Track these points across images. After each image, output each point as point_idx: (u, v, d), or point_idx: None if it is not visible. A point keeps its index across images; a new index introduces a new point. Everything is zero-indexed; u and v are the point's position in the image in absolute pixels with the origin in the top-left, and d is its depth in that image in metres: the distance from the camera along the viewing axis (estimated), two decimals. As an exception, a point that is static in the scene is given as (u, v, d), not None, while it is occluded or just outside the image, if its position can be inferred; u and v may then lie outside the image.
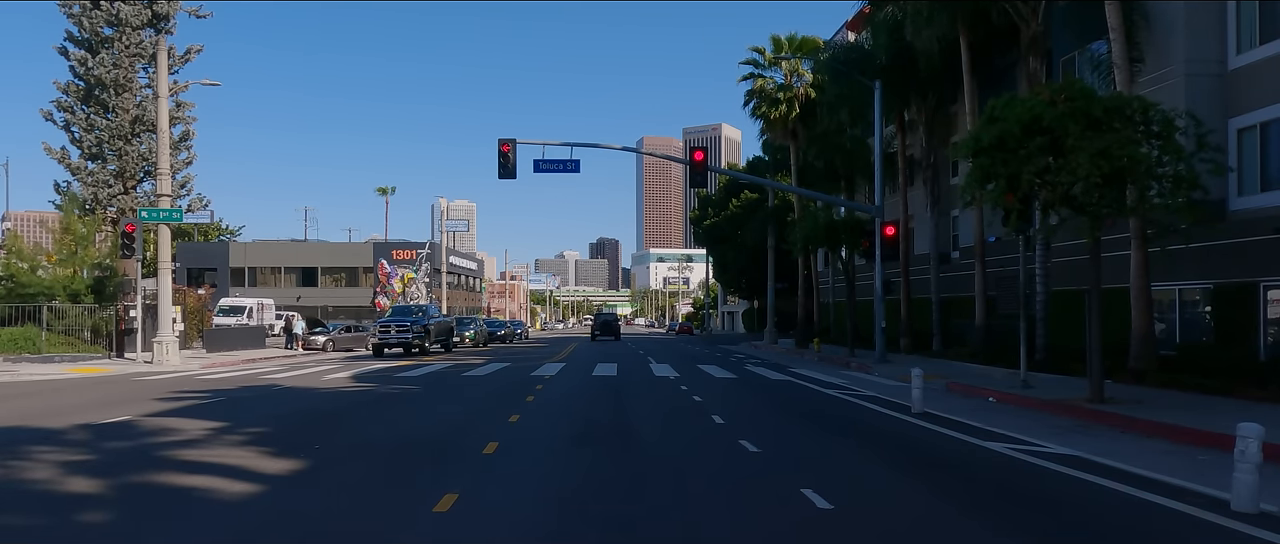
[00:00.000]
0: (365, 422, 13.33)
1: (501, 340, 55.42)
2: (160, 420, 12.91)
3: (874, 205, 29.08)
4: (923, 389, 14.81)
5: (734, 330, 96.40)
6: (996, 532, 6.67)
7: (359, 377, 22.46)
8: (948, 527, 6.88)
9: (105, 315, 30.47)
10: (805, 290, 46.89)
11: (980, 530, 6.74)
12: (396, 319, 35.52)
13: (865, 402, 16.46)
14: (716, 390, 18.66)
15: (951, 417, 13.95)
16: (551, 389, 18.79)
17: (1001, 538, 6.51)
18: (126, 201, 34.72)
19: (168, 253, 29.46)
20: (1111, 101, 14.62)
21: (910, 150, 36.13)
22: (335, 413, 14.49)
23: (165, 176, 28.93)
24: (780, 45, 41.80)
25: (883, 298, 28.35)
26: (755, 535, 6.49)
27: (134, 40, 35.07)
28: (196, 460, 9.42)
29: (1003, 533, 6.64)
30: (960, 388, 18.93)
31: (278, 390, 18.55)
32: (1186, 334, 20.39)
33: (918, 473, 9.14)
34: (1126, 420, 13.07)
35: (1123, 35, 19.21)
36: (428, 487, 8.00)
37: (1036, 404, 15.70)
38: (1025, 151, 14.42)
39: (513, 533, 6.58)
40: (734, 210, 67.45)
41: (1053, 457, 9.96)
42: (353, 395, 17.56)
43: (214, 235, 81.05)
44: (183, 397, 16.76)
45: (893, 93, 29.88)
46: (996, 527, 6.82)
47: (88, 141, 34.87)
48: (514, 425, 12.59)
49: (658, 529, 6.63)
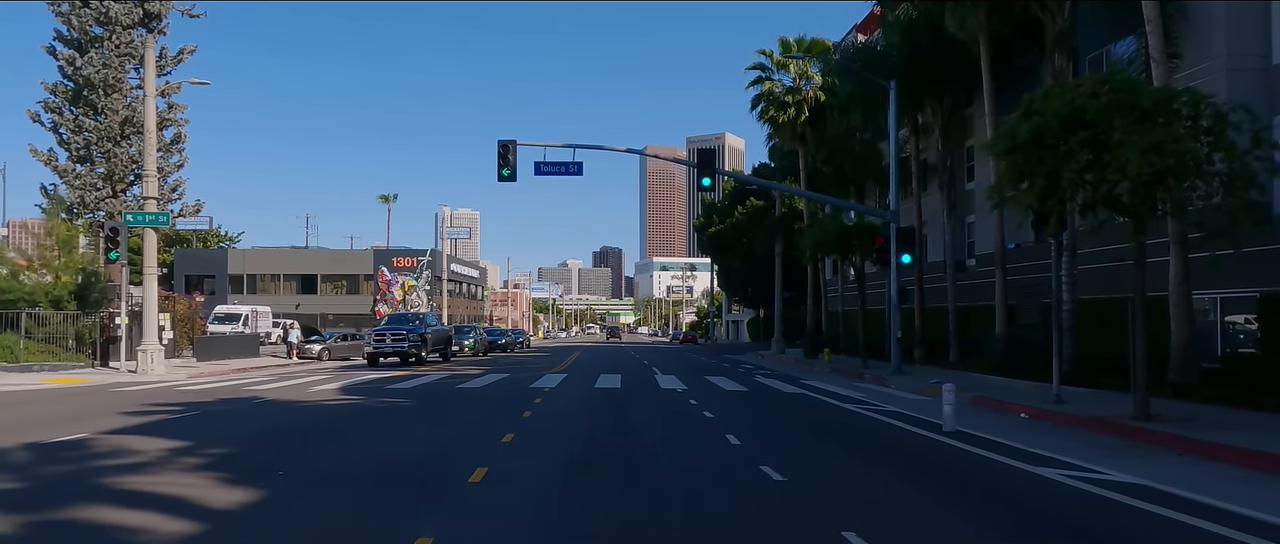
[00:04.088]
0: (344, 441, 12.13)
1: (502, 349, 54.21)
2: (117, 439, 11.72)
3: (889, 210, 27.86)
4: (955, 406, 13.58)
5: (739, 339, 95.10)
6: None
7: (348, 388, 21.26)
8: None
9: (89, 323, 29.30)
10: (814, 299, 45.62)
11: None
12: (392, 328, 34.26)
13: (889, 418, 15.24)
14: (728, 405, 17.43)
15: (987, 435, 12.75)
16: (551, 403, 17.59)
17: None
18: (115, 205, 33.61)
19: (154, 257, 28.29)
20: (1159, 94, 13.45)
21: (924, 154, 35.00)
22: (314, 430, 13.30)
23: (152, 178, 27.78)
24: (789, 46, 40.69)
25: (898, 306, 27.11)
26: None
27: (124, 39, 34.02)
28: (138, 490, 8.23)
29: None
30: (987, 402, 17.72)
31: (258, 403, 17.35)
32: (1229, 345, 19.15)
33: (972, 508, 7.93)
34: (1182, 441, 11.87)
35: (1160, 28, 18.06)
36: (399, 525, 6.79)
37: (1075, 421, 14.51)
38: (1065, 148, 13.24)
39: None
40: (739, 218, 66.22)
41: (1117, 486, 8.75)
42: (337, 410, 16.35)
43: (213, 242, 79.99)
44: (154, 410, 15.57)
45: (907, 94, 28.72)
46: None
47: (76, 143, 33.81)
48: (507, 447, 11.38)
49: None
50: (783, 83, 42.29)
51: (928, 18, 28.39)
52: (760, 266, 59.79)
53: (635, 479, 9.09)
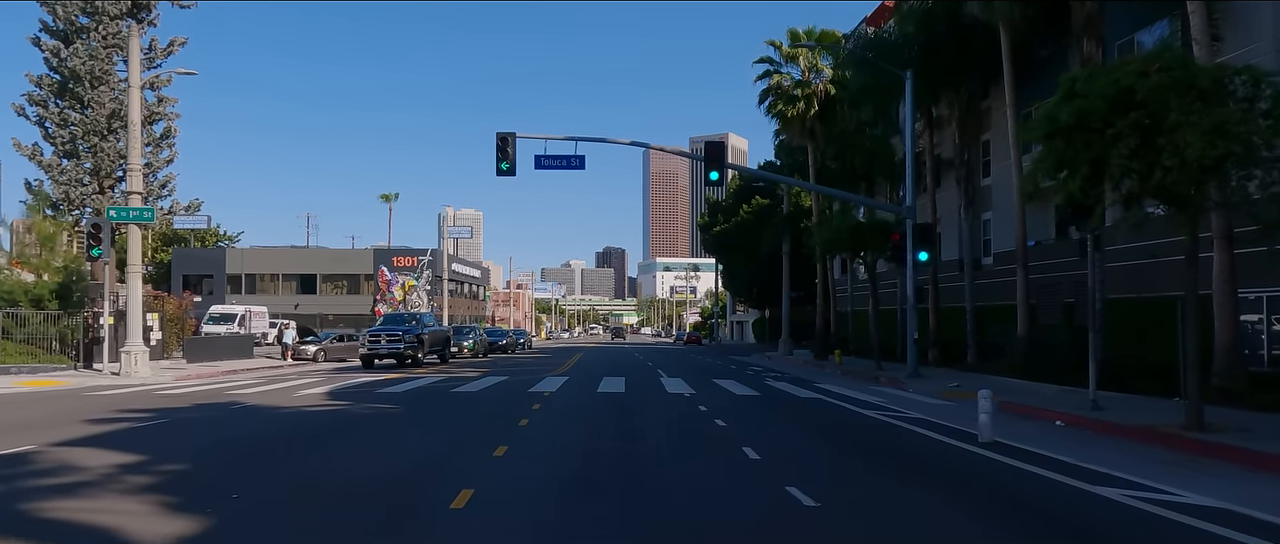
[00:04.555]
0: (317, 454, 10.96)
1: (503, 350, 53.01)
2: (65, 453, 10.54)
3: (904, 205, 26.64)
4: (992, 414, 12.38)
5: (744, 340, 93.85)
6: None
7: (335, 393, 20.08)
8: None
9: (72, 323, 28.19)
10: (823, 299, 44.40)
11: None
12: (387, 328, 33.07)
13: (915, 426, 14.04)
14: (741, 412, 16.23)
15: (1028, 447, 11.58)
16: (550, 410, 16.40)
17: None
18: (101, 201, 32.52)
19: (138, 255, 27.16)
20: (1216, 71, 12.25)
21: (937, 149, 33.83)
22: (287, 441, 12.13)
23: (136, 172, 26.66)
24: (798, 38, 39.48)
25: (915, 306, 25.88)
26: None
27: (112, 30, 32.95)
28: (63, 518, 7.07)
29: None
30: (1015, 408, 16.53)
31: (236, 409, 16.19)
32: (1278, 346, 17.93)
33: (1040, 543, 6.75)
34: (1247, 455, 10.70)
35: (1203, 7, 16.86)
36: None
37: (1118, 430, 13.32)
38: (1113, 131, 12.05)
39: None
40: (744, 217, 64.95)
41: (1195, 511, 7.57)
42: (318, 417, 15.16)
43: (212, 242, 78.91)
44: (119, 418, 14.41)
45: (922, 86, 27.47)
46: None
47: (61, 138, 32.73)
48: (499, 462, 10.20)
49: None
50: (791, 76, 41.07)
51: (945, 5, 27.25)
52: (766, 266, 58.58)
53: (643, 505, 7.89)
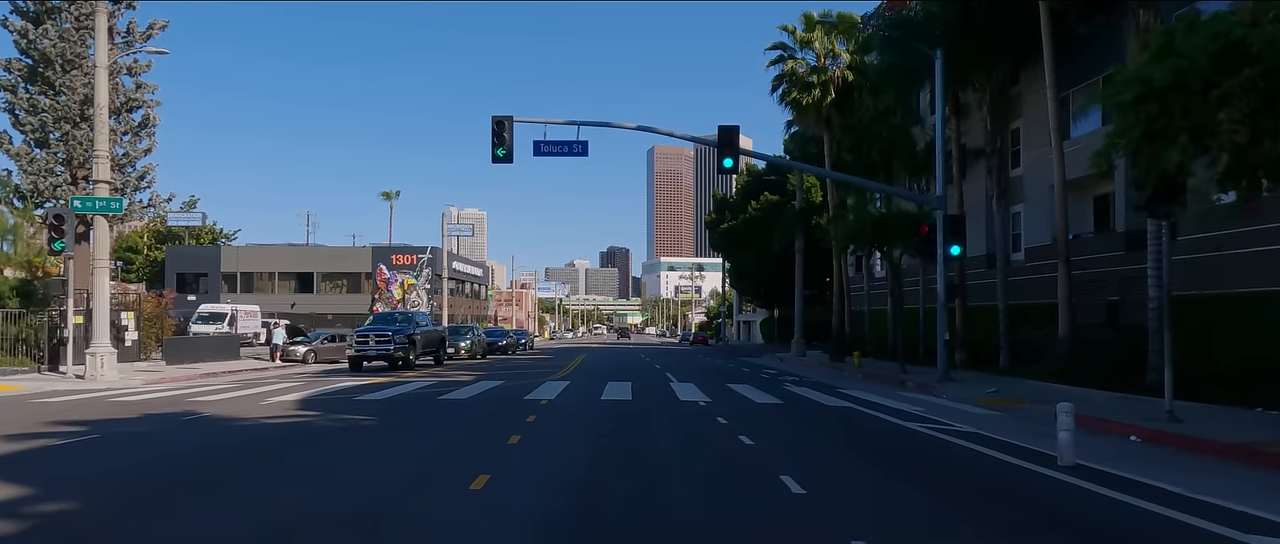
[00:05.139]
0: (247, 485, 8.89)
1: (502, 351, 50.94)
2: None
3: (934, 195, 24.57)
4: (1072, 431, 10.31)
5: (751, 340, 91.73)
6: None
7: (308, 401, 18.01)
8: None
9: (37, 322, 26.22)
10: (839, 297, 42.30)
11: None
12: (376, 328, 30.98)
13: (974, 444, 11.96)
14: (766, 425, 14.12)
15: (1116, 470, 9.65)
16: (547, 422, 14.33)
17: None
18: (74, 193, 30.50)
19: (106, 249, 25.14)
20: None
21: (964, 138, 31.76)
22: (224, 464, 10.09)
23: (103, 159, 24.63)
24: (813, 21, 37.37)
25: (944, 304, 23.79)
26: None
27: (85, 10, 30.84)
28: None
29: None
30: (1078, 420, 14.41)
31: (186, 422, 14.15)
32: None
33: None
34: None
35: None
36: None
37: (1209, 448, 11.31)
38: (1219, 93, 10.02)
39: None
40: (753, 213, 62.80)
41: None
42: (276, 431, 13.12)
43: (207, 239, 77.05)
44: (45, 433, 12.38)
45: (950, 69, 25.30)
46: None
47: (31, 125, 30.71)
48: (475, 498, 8.13)
49: None
50: (806, 62, 38.92)
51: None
52: (775, 264, 56.43)
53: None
